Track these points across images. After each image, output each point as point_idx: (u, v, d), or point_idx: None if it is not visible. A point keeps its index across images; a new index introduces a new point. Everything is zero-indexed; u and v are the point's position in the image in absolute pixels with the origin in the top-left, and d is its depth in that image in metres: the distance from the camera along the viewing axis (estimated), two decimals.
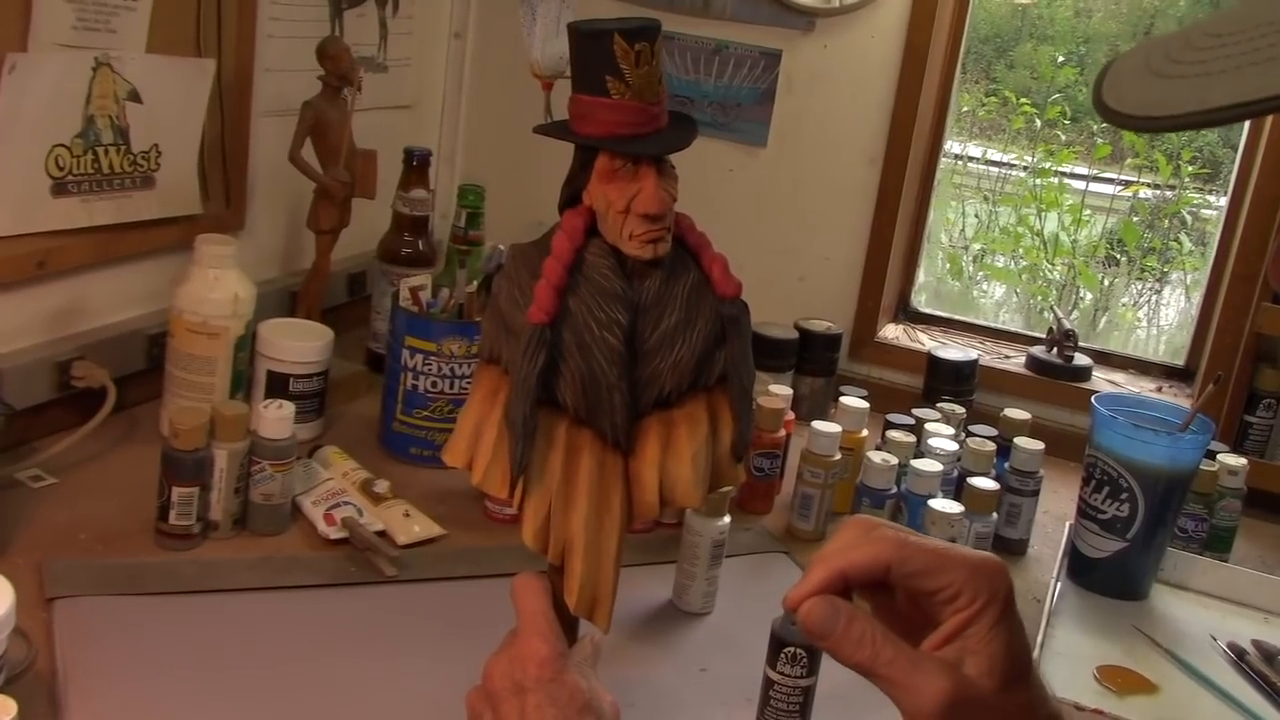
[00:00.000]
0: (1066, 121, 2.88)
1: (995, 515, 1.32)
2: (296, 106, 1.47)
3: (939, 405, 1.56)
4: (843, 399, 1.48)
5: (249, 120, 1.50)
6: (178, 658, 0.97)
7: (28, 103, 1.19)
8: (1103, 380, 1.80)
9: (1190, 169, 2.80)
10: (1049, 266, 2.88)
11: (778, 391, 1.46)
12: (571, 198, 0.85)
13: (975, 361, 1.72)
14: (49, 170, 1.24)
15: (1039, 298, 2.83)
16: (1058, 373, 1.79)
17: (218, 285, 1.28)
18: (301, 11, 1.59)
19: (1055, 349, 1.81)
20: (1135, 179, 2.89)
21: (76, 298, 1.34)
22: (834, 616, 0.62)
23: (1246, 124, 1.71)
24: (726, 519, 1.16)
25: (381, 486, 1.25)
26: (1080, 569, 1.35)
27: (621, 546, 0.85)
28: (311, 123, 1.47)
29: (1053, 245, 2.88)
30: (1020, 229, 2.95)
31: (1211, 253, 1.85)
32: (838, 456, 1.35)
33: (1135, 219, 2.88)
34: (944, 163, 1.95)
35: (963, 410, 1.56)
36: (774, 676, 0.96)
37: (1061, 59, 2.85)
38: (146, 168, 1.35)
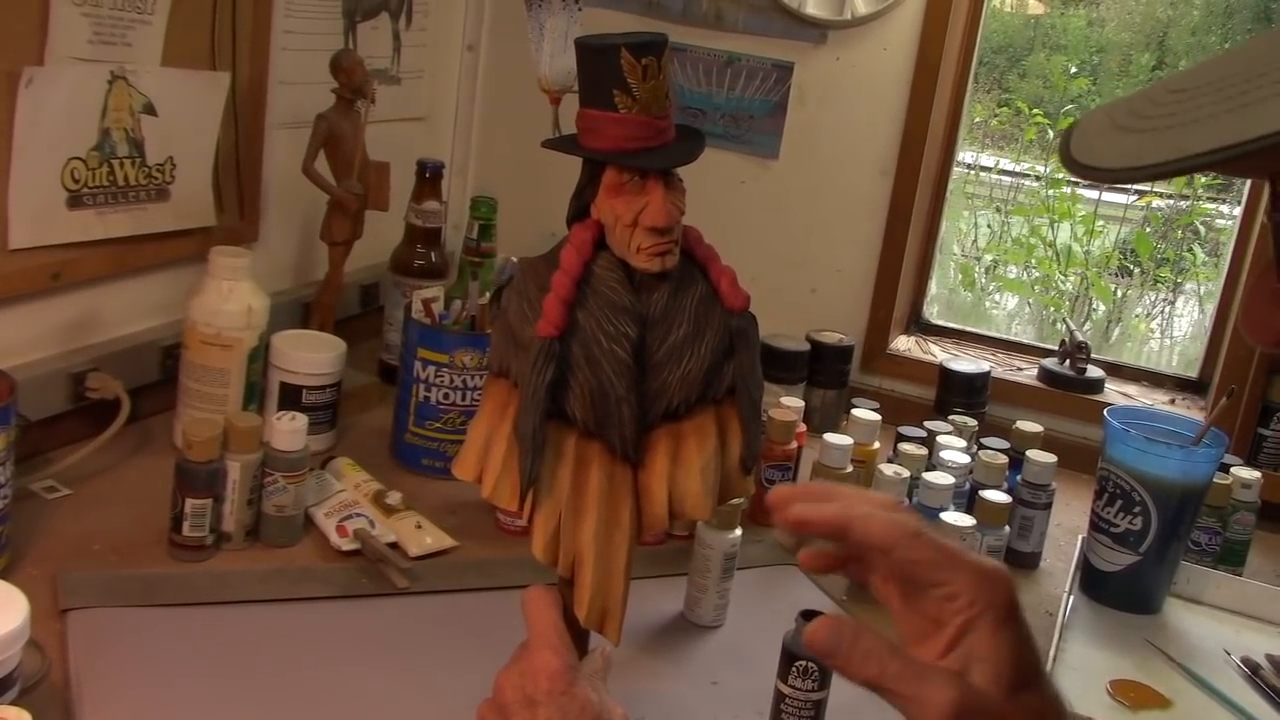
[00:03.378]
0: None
1: (1007, 528, 1.32)
2: (310, 119, 1.47)
3: (951, 417, 1.56)
4: (854, 411, 1.47)
5: (263, 133, 1.51)
6: (190, 669, 0.97)
7: (44, 116, 1.20)
8: (1115, 393, 1.80)
9: (1204, 180, 2.80)
10: (1061, 277, 2.88)
11: (789, 404, 1.46)
12: (579, 211, 0.86)
13: (987, 374, 1.72)
14: (65, 183, 1.25)
15: (1051, 309, 2.82)
16: (1070, 385, 1.78)
17: (231, 297, 1.29)
18: (315, 24, 1.60)
19: (1068, 361, 1.81)
20: (1148, 189, 2.88)
21: (91, 309, 1.34)
22: (839, 634, 0.62)
23: None
24: (738, 532, 1.16)
25: (393, 498, 1.25)
26: (1093, 582, 1.35)
27: (631, 559, 0.85)
28: (325, 135, 1.47)
29: (1065, 256, 2.87)
30: (1033, 240, 2.94)
31: (1225, 264, 1.84)
32: (849, 469, 1.35)
33: (1148, 230, 2.88)
34: (956, 173, 1.94)
35: (975, 423, 1.56)
36: (785, 690, 0.96)
37: (1074, 69, 2.85)
38: (161, 180, 1.36)
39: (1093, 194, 2.90)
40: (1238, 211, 1.84)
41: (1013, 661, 0.62)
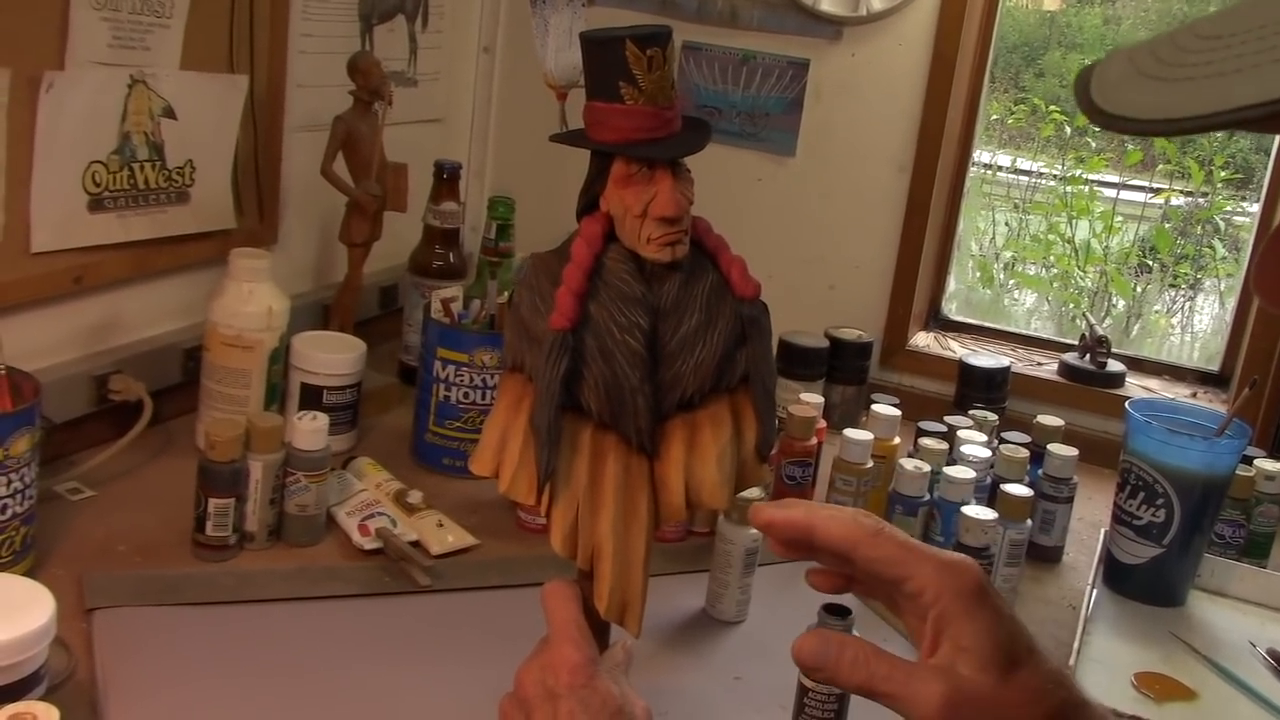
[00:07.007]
0: (1096, 129, 2.86)
1: (1029, 522, 1.31)
2: (328, 121, 1.48)
3: (971, 412, 1.55)
4: (874, 407, 1.47)
5: (281, 135, 1.52)
6: (215, 667, 0.98)
7: (65, 120, 1.21)
8: (1136, 386, 1.79)
9: (1223, 175, 2.78)
10: (1080, 274, 2.87)
11: (809, 400, 1.46)
12: (589, 204, 0.86)
13: (1007, 368, 1.71)
14: (86, 186, 1.26)
15: (1071, 305, 2.81)
16: (1091, 379, 1.78)
17: (251, 299, 1.30)
18: (332, 27, 1.61)
19: (1088, 355, 1.80)
20: (1167, 186, 2.87)
21: (113, 312, 1.35)
22: (826, 647, 0.64)
23: None
24: None
25: (415, 497, 1.25)
26: (1116, 576, 1.34)
27: (650, 550, 0.85)
28: (343, 137, 1.48)
29: (1084, 252, 2.86)
30: (1051, 237, 2.93)
31: (1245, 258, 1.83)
32: (870, 464, 1.35)
33: (1168, 225, 2.86)
34: (973, 171, 1.94)
35: (995, 417, 1.55)
36: (808, 684, 0.96)
37: None
38: (181, 183, 1.37)
39: (1110, 191, 2.89)
40: (1257, 207, 1.83)
41: (994, 644, 0.62)
